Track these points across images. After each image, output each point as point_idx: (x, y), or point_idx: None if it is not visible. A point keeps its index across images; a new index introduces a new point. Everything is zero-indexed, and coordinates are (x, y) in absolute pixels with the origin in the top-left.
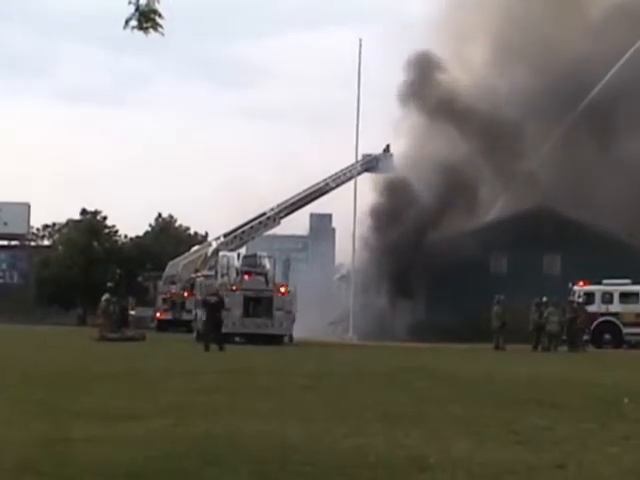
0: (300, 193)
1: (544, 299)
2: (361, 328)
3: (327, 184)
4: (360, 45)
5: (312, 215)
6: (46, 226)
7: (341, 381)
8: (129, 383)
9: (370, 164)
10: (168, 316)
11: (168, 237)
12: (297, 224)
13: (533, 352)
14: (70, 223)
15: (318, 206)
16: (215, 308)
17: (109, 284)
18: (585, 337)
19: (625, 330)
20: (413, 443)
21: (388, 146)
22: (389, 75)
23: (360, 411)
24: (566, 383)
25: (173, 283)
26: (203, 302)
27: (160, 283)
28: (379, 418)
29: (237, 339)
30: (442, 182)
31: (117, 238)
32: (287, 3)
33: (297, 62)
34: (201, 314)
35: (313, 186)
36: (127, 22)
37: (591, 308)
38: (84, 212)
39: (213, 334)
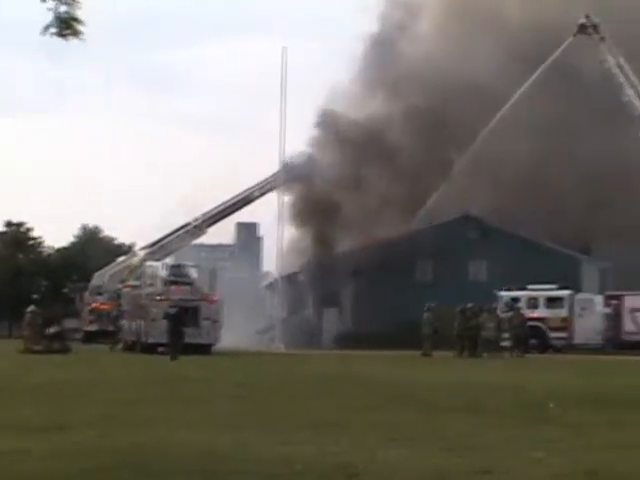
0: (225, 202)
1: (469, 305)
2: (288, 337)
3: (252, 193)
4: (284, 54)
5: (238, 224)
6: None
7: (269, 390)
8: (54, 395)
9: (293, 172)
10: (95, 327)
11: (94, 248)
12: (223, 233)
13: (458, 358)
14: None
15: (245, 214)
16: (176, 319)
17: (34, 296)
18: (506, 343)
19: (551, 335)
20: (342, 450)
21: (310, 155)
22: (314, 82)
23: (288, 419)
24: (493, 388)
25: (99, 294)
26: (165, 314)
27: (86, 294)
28: (307, 426)
29: (161, 349)
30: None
31: (43, 249)
32: (213, 11)
33: (222, 70)
34: (165, 325)
35: (238, 195)
36: (46, 29)
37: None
38: (8, 224)
39: (174, 344)
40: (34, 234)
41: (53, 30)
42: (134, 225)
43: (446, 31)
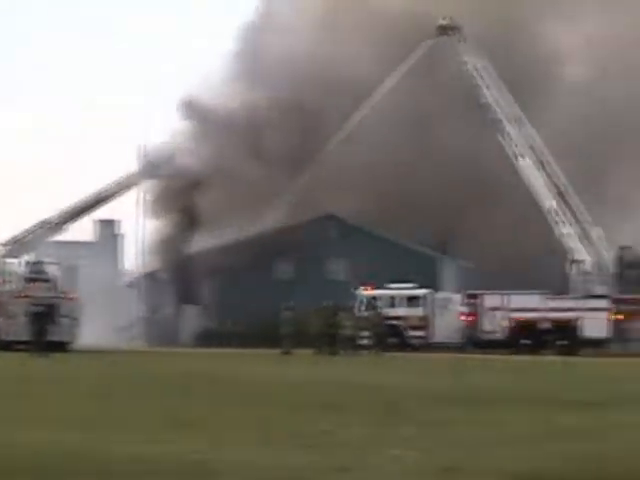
0: (83, 199)
1: (327, 303)
2: (149, 335)
3: (111, 189)
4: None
5: (97, 221)
6: None
7: (127, 388)
8: None
9: (152, 167)
10: None
11: None
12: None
13: (318, 356)
14: None
15: (107, 211)
16: (41, 317)
17: None
18: (365, 341)
19: (409, 333)
20: (201, 449)
21: (172, 148)
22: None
23: (147, 418)
24: (350, 386)
25: None
26: (27, 312)
27: None
28: (166, 424)
29: (20, 347)
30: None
31: None
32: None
33: None
34: (25, 323)
35: (96, 192)
36: None
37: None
38: None
39: (37, 342)
40: None
41: None
42: None
43: (319, 24)
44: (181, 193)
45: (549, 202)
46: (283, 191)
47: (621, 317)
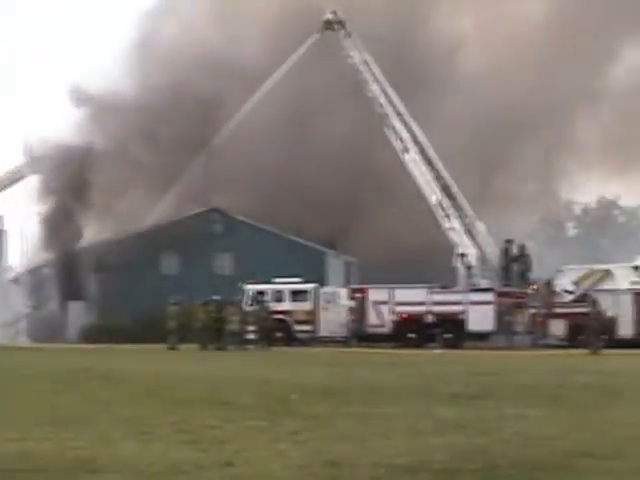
0: None
1: (213, 298)
2: (34, 330)
3: None
4: None
5: None
6: None
7: (8, 384)
8: None
9: (38, 160)
10: None
11: None
12: None
13: (204, 351)
14: None
15: None
16: None
17: None
18: (252, 336)
19: (296, 328)
20: (82, 445)
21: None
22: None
23: (27, 415)
24: (236, 381)
25: None
26: None
27: None
28: (47, 421)
29: None
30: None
31: None
32: None
33: None
34: None
35: None
36: None
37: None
38: None
39: None
40: None
41: None
42: None
43: (215, 11)
44: (69, 185)
45: (434, 196)
46: (174, 182)
47: (505, 310)
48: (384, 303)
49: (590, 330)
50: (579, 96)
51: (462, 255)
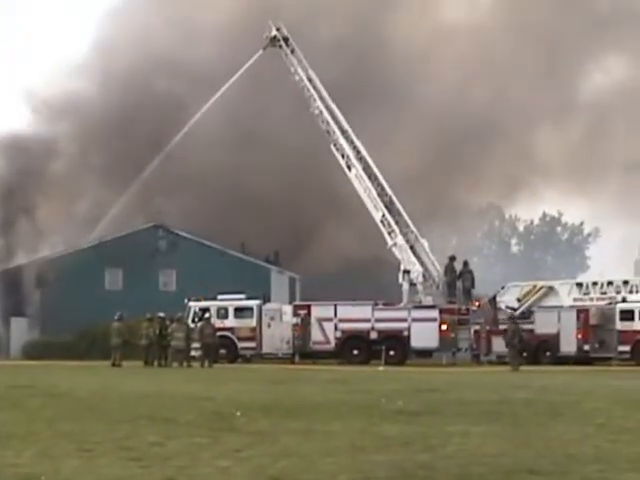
0: None
1: (159, 314)
2: None
3: None
4: None
5: None
6: None
7: None
8: None
9: None
10: None
11: None
12: None
13: (148, 368)
14: None
15: None
16: None
17: None
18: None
19: (240, 345)
20: (24, 462)
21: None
22: None
23: None
24: (179, 398)
25: None
26: None
27: None
28: None
29: None
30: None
31: None
32: None
33: None
34: None
35: None
36: None
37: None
38: None
39: None
40: None
41: None
42: None
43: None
44: (9, 200)
45: (379, 213)
46: (119, 195)
47: (449, 327)
48: (328, 320)
49: (509, 347)
50: (534, 113)
51: (406, 272)
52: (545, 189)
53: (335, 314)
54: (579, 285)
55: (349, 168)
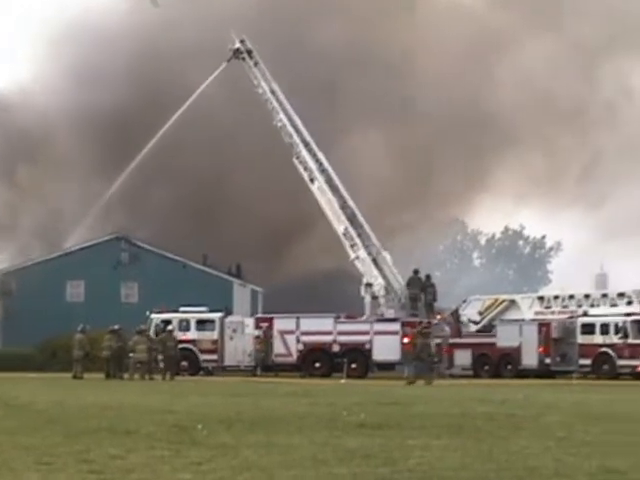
0: None
1: (116, 327)
2: None
3: None
4: None
5: None
6: None
7: None
8: None
9: None
10: None
11: None
12: None
13: (109, 380)
14: None
15: None
16: None
17: None
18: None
19: (202, 357)
20: None
21: None
22: None
23: None
24: (141, 411)
25: None
26: None
27: None
28: None
29: None
30: None
31: None
32: None
33: None
34: None
35: None
36: None
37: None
38: None
39: None
40: None
41: None
42: None
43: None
44: None
45: (341, 226)
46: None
47: (411, 340)
48: (290, 332)
49: (417, 361)
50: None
51: (368, 285)
52: (507, 203)
53: (297, 327)
54: (541, 299)
55: (312, 181)
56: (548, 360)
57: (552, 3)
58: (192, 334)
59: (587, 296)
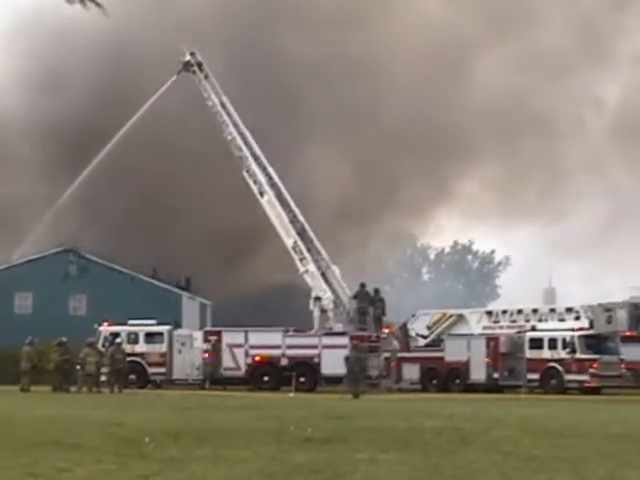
0: None
1: (63, 339)
2: None
3: None
4: None
5: None
6: None
7: None
8: None
9: None
10: None
11: None
12: None
13: (56, 393)
14: None
15: None
16: None
17: None
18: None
19: (150, 370)
20: None
21: None
22: None
23: None
24: (88, 423)
25: None
26: None
27: None
28: None
29: None
30: None
31: None
32: None
33: None
34: None
35: None
36: None
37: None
38: None
39: None
40: None
41: None
42: None
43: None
44: None
45: (290, 239)
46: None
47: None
48: (239, 346)
49: (350, 374)
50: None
51: (317, 298)
52: (456, 218)
53: (246, 340)
54: (489, 313)
55: (261, 194)
56: (496, 374)
57: (517, 12)
58: (140, 347)
59: (535, 311)
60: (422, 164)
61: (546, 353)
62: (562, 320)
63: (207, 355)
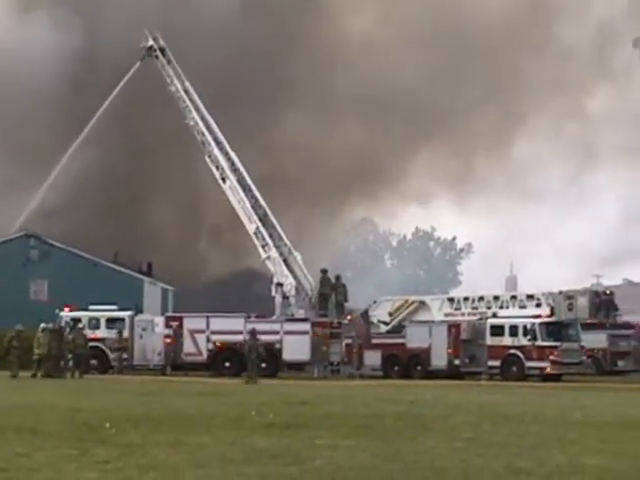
0: None
1: (18, 326)
2: None
3: None
4: None
5: None
6: None
7: None
8: None
9: None
10: None
11: None
12: None
13: (13, 379)
14: None
15: None
16: None
17: None
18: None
19: (112, 355)
20: None
21: None
22: None
23: None
24: (48, 409)
25: None
26: None
27: None
28: None
29: None
30: None
31: None
32: None
33: None
34: None
35: None
36: None
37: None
38: None
39: None
40: None
41: None
42: None
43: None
44: None
45: (252, 225)
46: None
47: (320, 340)
48: (200, 332)
49: (248, 360)
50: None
51: (279, 285)
52: (417, 204)
53: (207, 326)
54: (450, 300)
55: (223, 180)
56: (457, 361)
57: None
58: (102, 332)
59: (496, 298)
60: (381, 147)
61: (507, 340)
62: (523, 307)
63: (168, 341)
